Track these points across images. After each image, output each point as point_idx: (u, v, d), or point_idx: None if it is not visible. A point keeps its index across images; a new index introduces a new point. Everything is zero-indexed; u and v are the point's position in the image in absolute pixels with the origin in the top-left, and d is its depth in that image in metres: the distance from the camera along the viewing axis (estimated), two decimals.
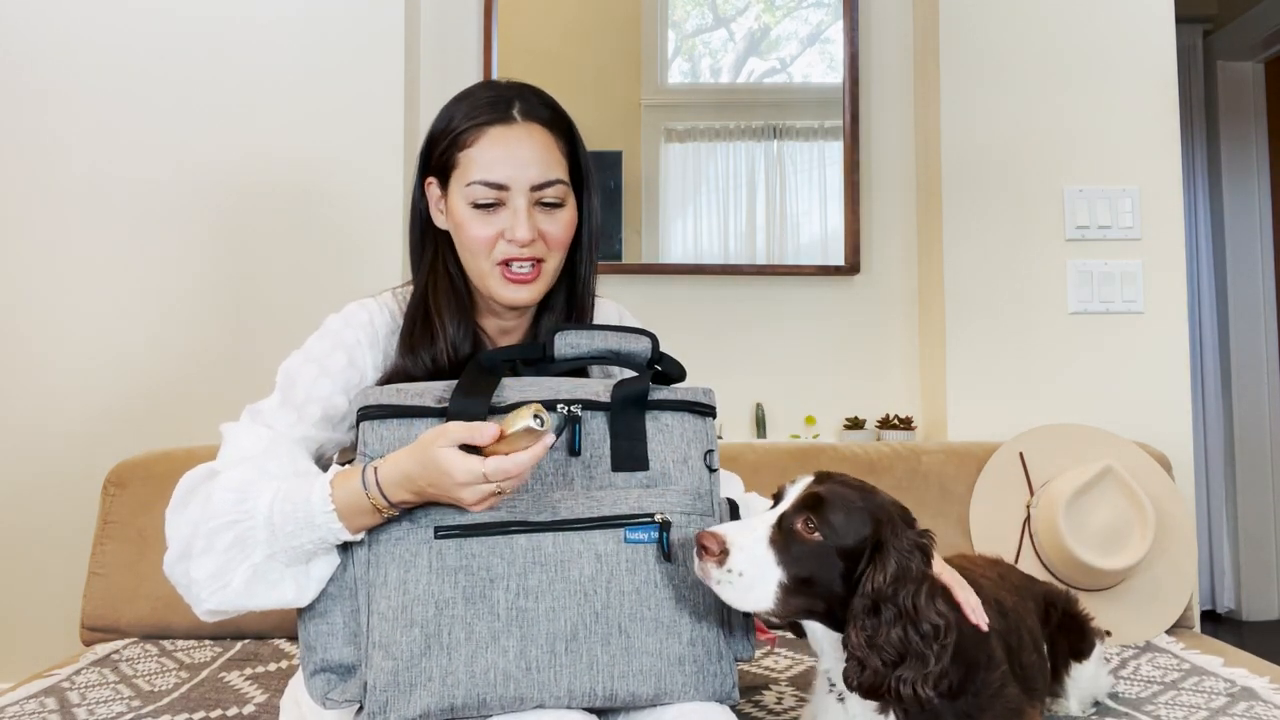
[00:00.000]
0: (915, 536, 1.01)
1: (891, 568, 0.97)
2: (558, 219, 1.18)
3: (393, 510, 1.02)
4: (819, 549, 0.99)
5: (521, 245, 1.15)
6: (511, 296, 1.18)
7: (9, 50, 2.22)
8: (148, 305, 2.22)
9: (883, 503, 1.03)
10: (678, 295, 2.40)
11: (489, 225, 1.16)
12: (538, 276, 1.18)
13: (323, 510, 1.01)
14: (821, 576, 1.00)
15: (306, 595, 1.06)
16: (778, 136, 2.46)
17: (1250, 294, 3.71)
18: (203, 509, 1.05)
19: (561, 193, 1.18)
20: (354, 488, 1.01)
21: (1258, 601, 3.64)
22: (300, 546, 1.03)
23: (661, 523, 1.08)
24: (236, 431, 1.13)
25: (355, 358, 1.16)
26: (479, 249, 1.17)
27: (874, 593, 0.97)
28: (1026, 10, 2.22)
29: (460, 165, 1.16)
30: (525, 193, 1.15)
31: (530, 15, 2.42)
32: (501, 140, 1.15)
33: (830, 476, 1.04)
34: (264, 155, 2.24)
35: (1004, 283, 2.20)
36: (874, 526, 1.00)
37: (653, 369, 1.18)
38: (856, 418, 2.32)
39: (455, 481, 0.96)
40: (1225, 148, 3.74)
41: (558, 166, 1.17)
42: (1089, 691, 1.39)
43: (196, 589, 1.06)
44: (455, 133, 1.17)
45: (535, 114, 1.17)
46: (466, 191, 1.15)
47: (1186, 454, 2.12)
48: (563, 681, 1.02)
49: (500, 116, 1.16)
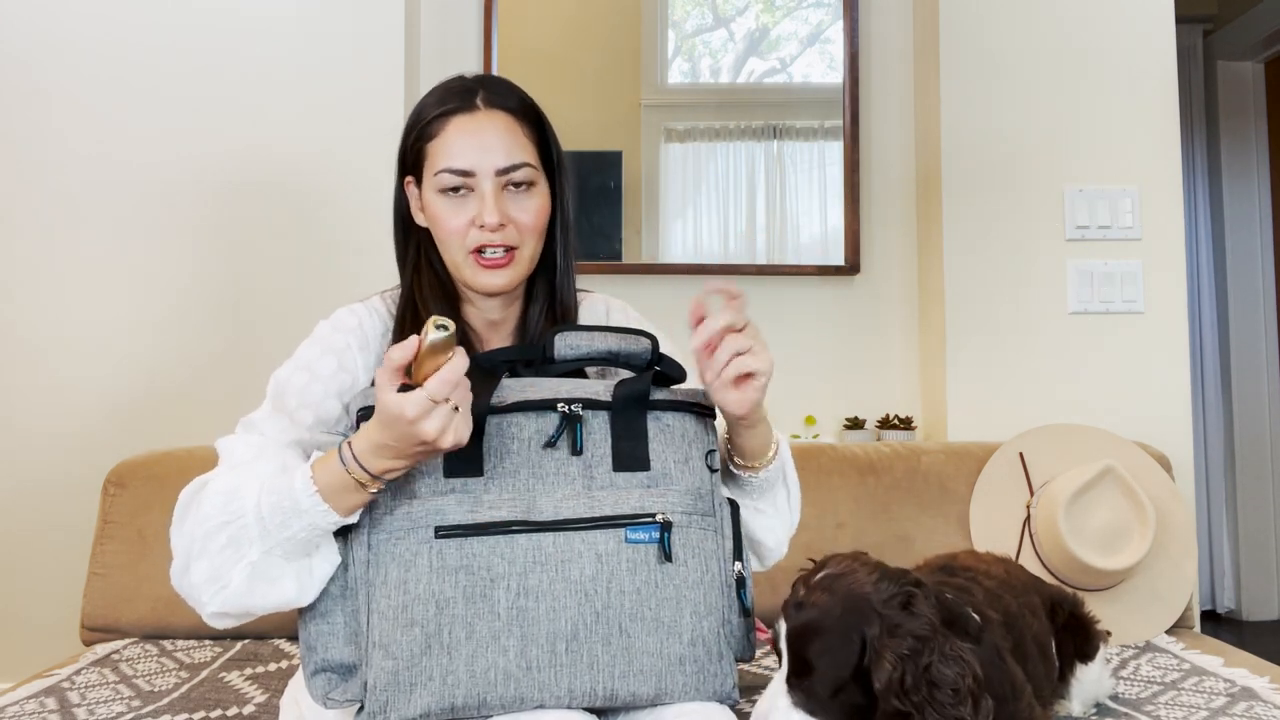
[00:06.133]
0: (897, 613, 0.98)
1: (887, 669, 0.95)
2: (528, 205, 1.18)
3: (378, 483, 1.01)
4: (830, 698, 0.98)
5: (491, 230, 1.15)
6: (486, 282, 1.18)
7: (6, 48, 2.22)
8: (147, 304, 2.21)
9: (856, 596, 0.99)
10: (678, 295, 2.39)
11: (459, 214, 1.16)
12: (511, 262, 1.18)
13: (306, 494, 1.01)
14: (850, 704, 0.98)
15: (309, 594, 1.06)
16: (778, 136, 2.46)
17: (1250, 294, 3.71)
18: (195, 517, 1.05)
19: (530, 175, 1.17)
20: (334, 467, 1.01)
21: (1258, 601, 3.65)
22: (293, 536, 1.02)
23: (663, 523, 1.08)
24: (231, 444, 1.14)
25: (345, 361, 1.16)
26: (451, 239, 1.17)
27: (887, 696, 0.95)
28: (1026, 10, 2.22)
29: (429, 156, 1.17)
30: (491, 177, 1.15)
31: (530, 15, 2.42)
32: (465, 127, 1.16)
33: (801, 603, 1.00)
34: (264, 154, 2.23)
35: (1004, 282, 2.20)
36: (859, 640, 0.97)
37: (653, 370, 1.18)
38: (856, 418, 2.32)
39: (409, 418, 0.94)
40: (1225, 148, 3.74)
41: (523, 150, 1.17)
42: (1092, 693, 1.39)
43: (197, 593, 1.06)
44: (421, 124, 1.18)
45: (499, 102, 1.18)
46: (435, 180, 1.16)
47: (1186, 454, 2.12)
48: (563, 681, 1.02)
49: (463, 105, 1.17)
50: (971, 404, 2.19)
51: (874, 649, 0.96)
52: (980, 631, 1.07)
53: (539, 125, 1.21)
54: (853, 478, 1.92)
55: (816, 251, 2.43)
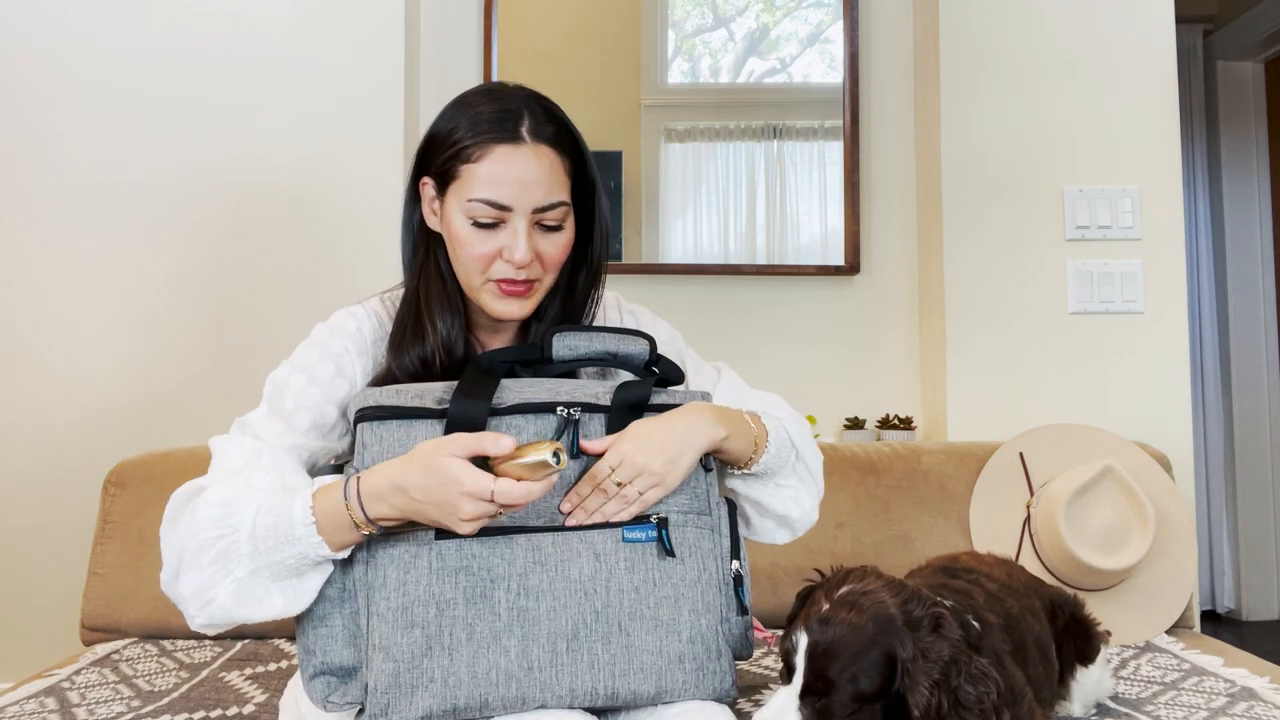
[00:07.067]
0: (928, 636, 0.98)
1: (924, 695, 0.95)
2: (555, 240, 1.16)
3: (370, 527, 1.00)
4: (846, 717, 0.98)
5: (518, 267, 1.13)
6: (503, 310, 1.17)
7: (5, 49, 2.22)
8: (147, 305, 2.21)
9: (885, 618, 0.99)
10: (678, 295, 2.39)
11: (487, 243, 1.13)
12: (530, 292, 1.17)
13: (303, 523, 1.00)
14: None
15: (298, 605, 1.05)
16: (778, 136, 2.46)
17: (1250, 294, 3.71)
18: (189, 526, 1.04)
19: (562, 215, 1.16)
20: (335, 500, 1.00)
21: (1258, 601, 3.64)
22: (283, 561, 1.01)
23: (659, 520, 1.08)
24: (225, 444, 1.12)
25: (344, 366, 1.15)
26: (474, 265, 1.15)
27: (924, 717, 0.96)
28: (1027, 10, 2.22)
29: (462, 178, 1.13)
30: (527, 215, 1.12)
31: (530, 15, 2.42)
32: (507, 160, 1.11)
33: (826, 619, 1.00)
34: (264, 155, 2.23)
35: (1004, 282, 2.20)
36: (889, 662, 0.97)
37: (654, 374, 1.18)
38: (856, 418, 2.32)
39: (462, 490, 0.94)
40: (1225, 148, 3.74)
41: (561, 188, 1.15)
42: (1093, 695, 1.39)
43: (185, 604, 1.05)
44: (460, 145, 1.13)
45: (542, 133, 1.13)
46: (467, 207, 1.12)
47: (1186, 454, 2.12)
48: (564, 681, 1.02)
49: (508, 136, 1.12)
50: (971, 404, 2.19)
51: (908, 673, 0.96)
52: (980, 639, 1.07)
53: (576, 152, 1.18)
54: (853, 478, 1.92)
55: (816, 251, 2.43)
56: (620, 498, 1.07)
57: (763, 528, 1.28)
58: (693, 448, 1.11)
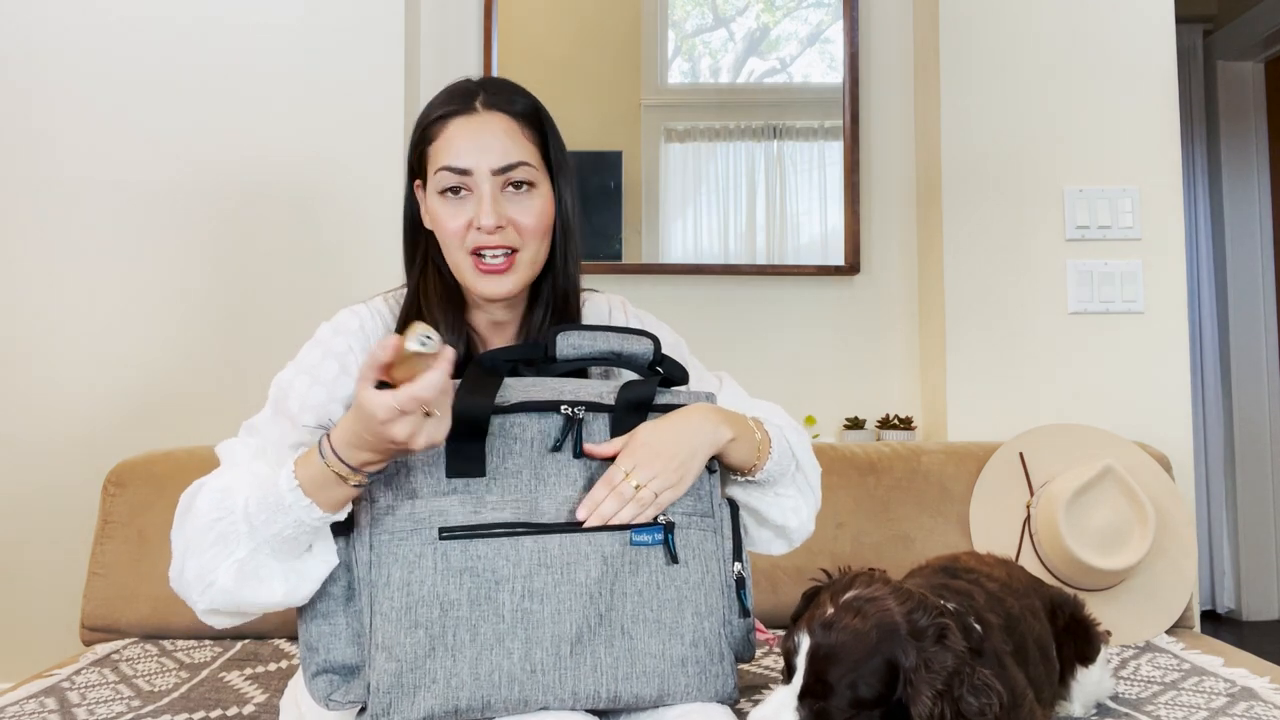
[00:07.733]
0: (932, 646, 0.98)
1: (927, 705, 0.95)
2: (528, 206, 1.16)
3: (358, 475, 1.00)
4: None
5: (489, 232, 1.14)
6: (485, 288, 1.16)
7: (4, 50, 2.22)
8: (148, 305, 2.21)
9: (889, 626, 0.98)
10: (678, 295, 2.39)
11: (458, 214, 1.15)
12: (511, 267, 1.16)
13: (289, 489, 1.00)
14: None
15: (299, 595, 1.05)
16: (778, 136, 2.46)
17: (1250, 294, 3.71)
18: (191, 517, 1.05)
19: (529, 174, 1.16)
20: (315, 461, 1.01)
21: (1258, 601, 3.65)
22: (280, 534, 1.01)
23: (666, 524, 1.08)
24: (231, 447, 1.13)
25: (348, 364, 1.15)
26: (451, 240, 1.16)
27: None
28: (1026, 10, 2.22)
29: (430, 157, 1.17)
30: (489, 177, 1.14)
31: (530, 16, 2.42)
32: (463, 127, 1.15)
33: (830, 623, 0.99)
34: (264, 157, 2.23)
35: (1004, 282, 2.20)
36: (891, 671, 0.97)
37: (658, 374, 1.18)
38: (856, 418, 2.32)
39: (379, 419, 0.93)
40: (1225, 148, 3.74)
41: (522, 151, 1.16)
42: (1093, 695, 1.39)
43: (187, 590, 1.06)
44: (424, 126, 1.18)
45: (499, 104, 1.18)
46: (435, 181, 1.16)
47: (1186, 454, 2.12)
48: (567, 683, 1.02)
49: (463, 107, 1.17)
50: (971, 404, 2.19)
51: (911, 683, 0.96)
52: (980, 642, 1.07)
53: (540, 127, 1.20)
54: (853, 478, 1.92)
55: (816, 251, 2.42)
56: (636, 501, 1.07)
57: (760, 538, 1.27)
58: (702, 449, 1.11)
